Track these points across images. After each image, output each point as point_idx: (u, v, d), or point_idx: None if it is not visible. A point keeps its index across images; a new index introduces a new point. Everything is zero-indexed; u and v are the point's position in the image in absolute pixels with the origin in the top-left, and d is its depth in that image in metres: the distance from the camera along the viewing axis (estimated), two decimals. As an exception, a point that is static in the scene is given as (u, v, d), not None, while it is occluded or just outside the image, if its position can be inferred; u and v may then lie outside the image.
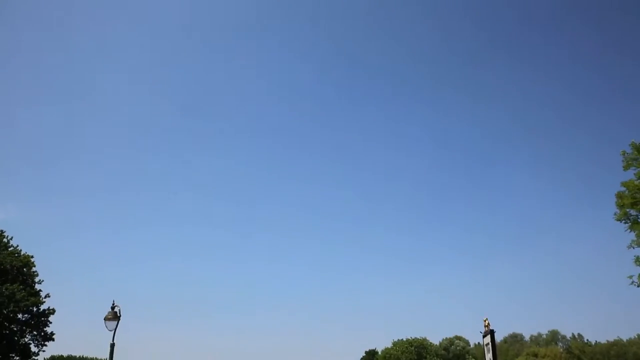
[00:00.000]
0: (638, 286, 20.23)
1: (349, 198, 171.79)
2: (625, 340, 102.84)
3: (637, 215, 19.70)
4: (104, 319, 13.54)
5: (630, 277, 20.66)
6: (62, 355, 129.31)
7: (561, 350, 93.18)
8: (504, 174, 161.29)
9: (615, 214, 20.49)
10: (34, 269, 33.66)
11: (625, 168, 20.05)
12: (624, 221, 19.90)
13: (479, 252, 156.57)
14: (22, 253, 33.74)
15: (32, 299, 32.55)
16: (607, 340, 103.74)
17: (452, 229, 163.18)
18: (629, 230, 19.87)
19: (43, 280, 34.34)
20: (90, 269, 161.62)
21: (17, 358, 33.03)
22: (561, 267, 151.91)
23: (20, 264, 33.09)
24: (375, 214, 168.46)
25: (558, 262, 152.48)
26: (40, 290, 33.87)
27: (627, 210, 19.70)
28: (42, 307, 33.56)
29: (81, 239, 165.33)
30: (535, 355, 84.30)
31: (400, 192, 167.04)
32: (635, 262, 20.22)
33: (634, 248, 20.07)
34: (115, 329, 13.43)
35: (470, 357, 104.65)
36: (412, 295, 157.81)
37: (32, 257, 33.54)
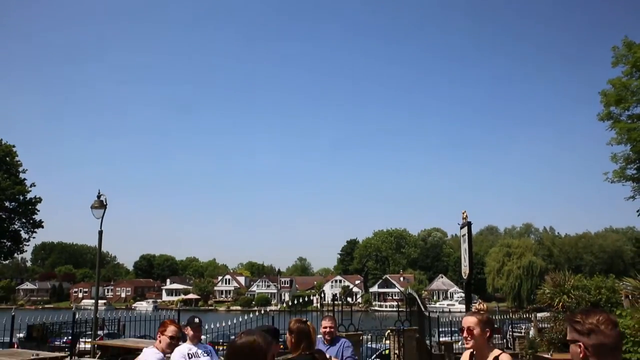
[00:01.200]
0: (611, 182, 20.90)
1: (344, 80, 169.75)
2: (593, 233, 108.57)
3: (619, 114, 19.85)
4: (91, 207, 13.73)
5: (606, 173, 21.23)
6: (52, 242, 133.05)
7: (533, 241, 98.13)
8: (487, 65, 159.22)
9: (598, 114, 20.62)
10: (16, 158, 33.54)
11: (614, 64, 19.85)
12: (606, 120, 20.08)
13: (459, 146, 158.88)
14: (3, 142, 33.36)
15: (18, 187, 32.77)
16: (576, 233, 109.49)
17: (433, 121, 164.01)
18: (609, 128, 20.08)
19: (27, 170, 34.36)
20: (76, 161, 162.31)
21: (9, 243, 33.91)
22: (538, 163, 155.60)
23: (2, 153, 32.87)
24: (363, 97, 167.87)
25: (535, 158, 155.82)
26: (25, 180, 34.02)
27: (611, 108, 19.80)
28: (28, 196, 33.89)
29: (65, 128, 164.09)
30: (509, 246, 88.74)
31: (391, 80, 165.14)
32: (612, 159, 20.70)
33: (612, 145, 20.43)
34: (103, 217, 13.68)
35: (447, 247, 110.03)
36: (393, 188, 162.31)
37: (13, 146, 33.28)
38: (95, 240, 13.96)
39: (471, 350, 3.86)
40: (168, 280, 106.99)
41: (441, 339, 15.13)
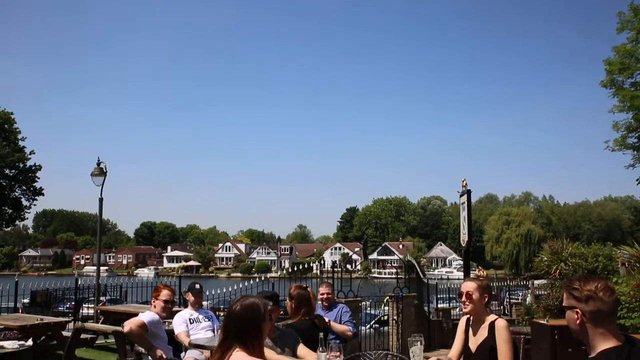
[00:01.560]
0: (612, 151, 20.83)
1: (339, 53, 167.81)
2: (592, 201, 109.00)
3: (622, 81, 19.62)
4: (91, 175, 13.73)
5: (607, 141, 21.14)
6: (53, 209, 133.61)
7: (532, 210, 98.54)
8: (488, 30, 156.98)
9: (601, 80, 20.35)
10: (15, 125, 33.39)
11: (619, 31, 19.50)
12: (609, 87, 19.85)
13: (459, 113, 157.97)
14: (0, 109, 33.13)
15: (17, 154, 32.72)
16: (576, 202, 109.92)
17: (433, 89, 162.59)
18: (612, 96, 19.86)
19: (26, 138, 34.23)
20: (76, 128, 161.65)
21: (10, 211, 34.07)
22: (539, 131, 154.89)
23: (0, 120, 32.70)
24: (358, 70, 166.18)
25: (536, 126, 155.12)
26: (24, 147, 33.94)
27: (614, 76, 19.55)
28: (28, 164, 33.88)
29: (64, 96, 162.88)
30: (508, 214, 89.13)
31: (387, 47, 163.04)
32: (613, 127, 20.57)
33: (614, 113, 20.27)
34: (103, 184, 13.69)
35: (447, 215, 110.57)
36: (393, 156, 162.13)
37: (11, 113, 33.07)
38: (96, 207, 14.03)
39: (468, 315, 3.91)
40: (169, 248, 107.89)
41: (439, 306, 15.32)
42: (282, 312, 5.18)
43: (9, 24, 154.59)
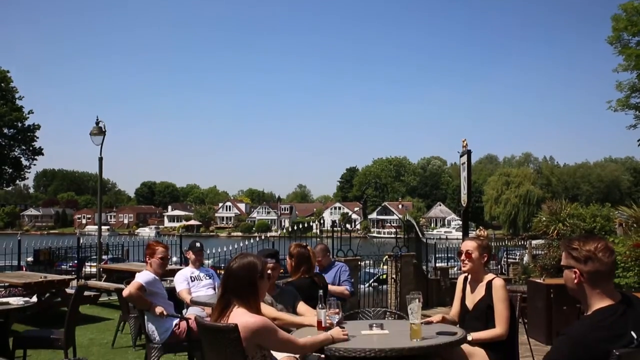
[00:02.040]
0: (614, 111, 20.69)
1: (339, 17, 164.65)
2: (592, 163, 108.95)
3: (629, 39, 19.30)
4: (90, 134, 13.65)
5: (609, 101, 20.96)
6: (53, 169, 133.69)
7: (532, 171, 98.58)
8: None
9: (608, 37, 19.98)
10: (12, 84, 32.97)
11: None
12: (614, 45, 19.53)
13: (460, 72, 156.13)
14: (-4, 67, 32.62)
15: (15, 113, 32.46)
16: (575, 163, 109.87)
17: (432, 46, 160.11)
18: (617, 54, 19.56)
19: (24, 97, 33.87)
20: (76, 88, 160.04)
21: (10, 170, 34.09)
22: (540, 91, 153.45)
23: (-4, 79, 32.29)
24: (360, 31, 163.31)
25: (538, 86, 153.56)
26: (22, 107, 33.63)
27: (621, 33, 19.20)
28: (27, 123, 33.67)
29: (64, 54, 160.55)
30: (508, 175, 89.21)
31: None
32: (617, 87, 20.34)
33: (618, 72, 20.01)
34: (102, 144, 13.63)
35: (446, 175, 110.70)
36: (394, 116, 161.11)
37: (8, 71, 32.59)
38: (96, 167, 14.02)
39: (466, 274, 3.95)
40: (169, 207, 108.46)
41: (437, 265, 15.52)
42: (282, 270, 5.23)
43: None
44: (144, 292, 4.95)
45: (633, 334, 2.15)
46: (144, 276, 5.06)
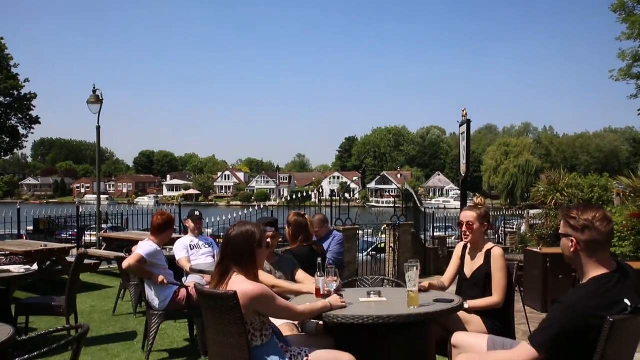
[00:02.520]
0: (616, 80, 20.46)
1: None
2: (591, 133, 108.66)
3: (633, 7, 18.94)
4: (87, 102, 13.56)
5: (611, 71, 20.69)
6: (51, 138, 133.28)
7: (531, 141, 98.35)
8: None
9: (611, 5, 19.58)
10: (6, 51, 32.50)
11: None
12: (618, 12, 19.18)
13: (461, 41, 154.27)
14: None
15: (10, 81, 32.10)
16: (575, 133, 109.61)
17: (434, 12, 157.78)
18: (620, 22, 19.19)
19: (19, 64, 33.44)
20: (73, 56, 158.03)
21: (7, 139, 33.94)
22: (541, 61, 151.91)
23: (-9, 45, 31.80)
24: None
25: (538, 56, 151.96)
26: (17, 75, 33.24)
27: (625, 0, 18.84)
28: (23, 92, 33.36)
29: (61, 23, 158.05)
30: (507, 145, 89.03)
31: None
32: (619, 56, 20.06)
33: (621, 41, 19.69)
34: (100, 112, 13.55)
35: (445, 145, 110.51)
36: (394, 85, 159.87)
37: (2, 38, 32.06)
38: (94, 136, 13.96)
39: (465, 243, 3.97)
40: (168, 176, 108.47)
41: (435, 234, 15.62)
42: (281, 239, 5.25)
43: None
44: (144, 263, 4.97)
45: (627, 301, 2.18)
46: (145, 247, 5.06)
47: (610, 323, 2.05)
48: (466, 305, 3.56)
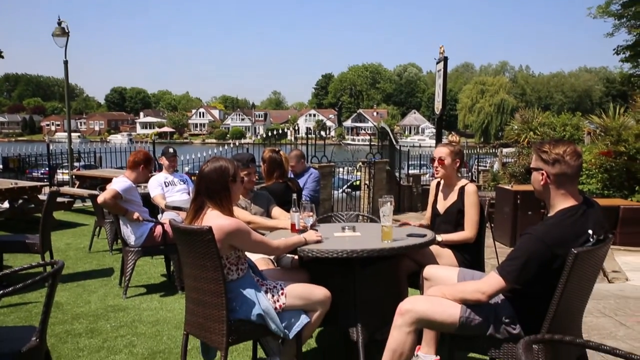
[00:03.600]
0: (593, 18, 20.40)
1: None
2: (566, 72, 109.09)
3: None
4: (52, 35, 12.98)
5: (589, 8, 20.62)
6: (16, 74, 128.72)
7: (507, 80, 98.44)
8: None
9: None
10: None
11: None
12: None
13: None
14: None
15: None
16: (551, 72, 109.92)
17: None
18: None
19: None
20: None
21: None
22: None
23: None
24: None
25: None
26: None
27: None
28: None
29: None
30: (483, 84, 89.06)
31: None
32: (597, -7, 19.93)
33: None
34: (66, 46, 13.02)
35: (422, 83, 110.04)
36: (371, 21, 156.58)
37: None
38: (62, 71, 13.47)
39: (439, 180, 4.03)
40: (141, 114, 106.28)
41: (410, 172, 15.82)
42: (257, 177, 5.24)
43: None
44: (119, 199, 4.95)
45: (590, 233, 2.26)
46: (120, 183, 5.03)
47: (574, 255, 2.13)
48: (439, 239, 3.65)
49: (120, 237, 5.18)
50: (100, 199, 4.95)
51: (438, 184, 4.03)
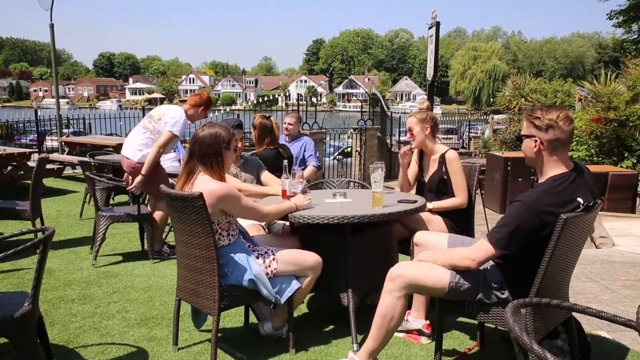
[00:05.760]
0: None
1: None
2: (559, 38, 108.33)
3: None
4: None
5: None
6: (1, 37, 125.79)
7: (500, 46, 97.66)
8: None
9: None
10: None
11: None
12: None
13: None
14: None
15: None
16: (543, 38, 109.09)
17: None
18: None
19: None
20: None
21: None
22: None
23: None
24: None
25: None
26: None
27: None
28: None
29: None
30: (475, 50, 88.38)
31: None
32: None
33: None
34: (52, 8, 12.65)
35: (414, 49, 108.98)
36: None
37: None
38: (48, 35, 13.17)
39: (419, 149, 4.01)
40: (130, 80, 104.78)
41: (401, 138, 15.80)
42: (247, 143, 5.22)
43: None
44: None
45: (579, 199, 2.27)
46: (179, 124, 5.00)
47: (562, 220, 2.14)
48: (430, 206, 3.66)
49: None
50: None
51: (421, 152, 4.02)
